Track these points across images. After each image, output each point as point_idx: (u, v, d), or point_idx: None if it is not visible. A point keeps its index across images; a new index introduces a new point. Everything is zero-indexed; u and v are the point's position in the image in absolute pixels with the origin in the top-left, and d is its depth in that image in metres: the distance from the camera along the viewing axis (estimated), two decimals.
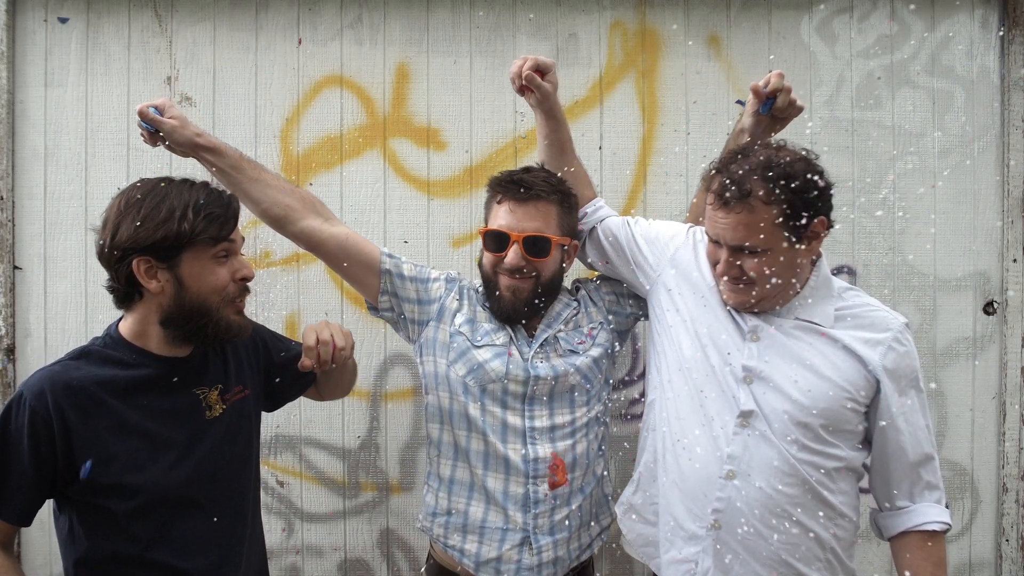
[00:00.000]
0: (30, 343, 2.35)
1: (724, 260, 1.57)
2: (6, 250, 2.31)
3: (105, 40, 2.34)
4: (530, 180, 1.76)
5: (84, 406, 1.44)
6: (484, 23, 2.39)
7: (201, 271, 1.47)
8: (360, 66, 2.38)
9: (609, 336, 1.90)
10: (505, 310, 1.80)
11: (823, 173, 1.53)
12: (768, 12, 2.42)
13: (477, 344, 1.82)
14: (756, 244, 1.51)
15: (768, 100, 1.71)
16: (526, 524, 1.78)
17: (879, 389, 1.56)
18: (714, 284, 1.68)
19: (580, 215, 1.91)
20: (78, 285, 2.34)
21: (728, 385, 1.60)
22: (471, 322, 1.85)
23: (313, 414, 2.40)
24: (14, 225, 2.33)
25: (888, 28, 2.41)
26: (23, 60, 2.33)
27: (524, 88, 1.80)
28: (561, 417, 1.81)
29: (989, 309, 2.46)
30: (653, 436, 1.75)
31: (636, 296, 1.93)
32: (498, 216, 1.78)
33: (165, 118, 1.65)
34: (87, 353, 1.51)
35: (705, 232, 1.64)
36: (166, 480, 1.48)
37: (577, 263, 1.99)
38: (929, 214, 2.43)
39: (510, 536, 1.78)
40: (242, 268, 1.54)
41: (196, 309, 1.48)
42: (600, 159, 2.40)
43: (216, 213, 1.48)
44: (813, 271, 1.62)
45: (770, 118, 1.75)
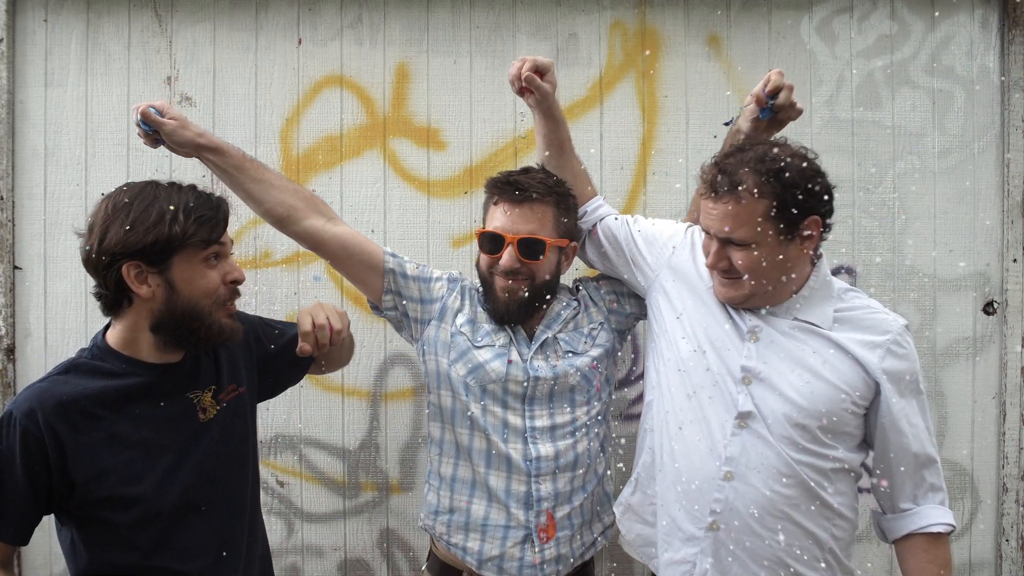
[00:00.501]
0: (30, 343, 2.35)
1: (713, 251, 1.57)
2: (6, 250, 2.31)
3: (105, 40, 2.34)
4: (525, 182, 1.76)
5: (76, 422, 1.41)
6: (484, 23, 2.39)
7: (192, 275, 1.45)
8: (360, 66, 2.38)
9: (610, 336, 1.90)
10: (500, 312, 1.80)
11: (820, 172, 1.52)
12: (768, 12, 2.41)
13: (478, 345, 1.82)
14: (743, 236, 1.51)
15: (767, 106, 1.70)
16: (528, 522, 1.78)
17: (878, 392, 1.55)
18: (712, 284, 1.68)
19: (580, 214, 1.91)
20: (78, 285, 2.34)
21: (726, 386, 1.60)
22: (472, 322, 1.85)
23: (313, 414, 2.40)
24: (14, 225, 2.33)
25: (888, 28, 2.41)
26: (23, 60, 2.33)
27: (524, 90, 1.80)
28: (561, 417, 1.81)
29: (989, 309, 2.46)
30: (651, 437, 1.75)
31: (637, 296, 1.92)
32: (494, 218, 1.78)
33: (165, 119, 1.65)
34: (75, 366, 1.48)
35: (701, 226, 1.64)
36: (164, 489, 1.47)
37: (579, 261, 1.99)
38: (929, 214, 2.43)
39: (512, 534, 1.79)
40: (233, 271, 1.52)
41: (188, 313, 1.45)
42: (600, 159, 2.40)
43: (207, 216, 1.45)
44: (813, 271, 1.61)
45: (767, 123, 1.74)
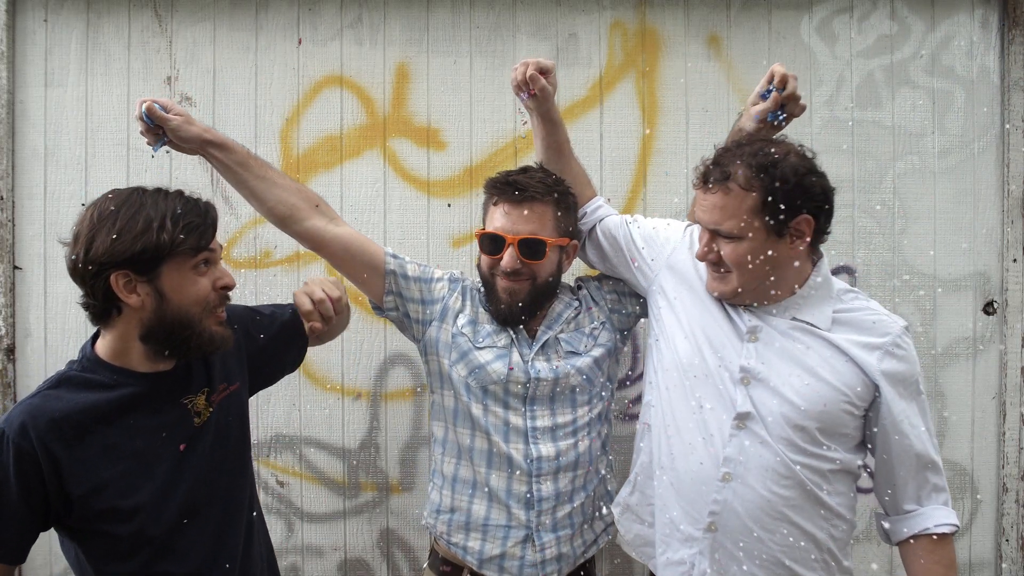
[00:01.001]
0: (30, 343, 2.35)
1: (702, 243, 1.58)
2: (6, 250, 2.31)
3: (105, 40, 2.34)
4: (525, 182, 1.75)
5: (69, 438, 1.39)
6: (484, 23, 2.39)
7: (182, 282, 1.42)
8: (360, 66, 2.38)
9: (611, 335, 1.90)
10: (503, 313, 1.80)
11: (815, 171, 1.52)
12: (768, 12, 2.42)
13: (479, 345, 1.82)
14: (730, 229, 1.51)
15: (779, 110, 1.69)
16: (529, 521, 1.78)
17: (878, 393, 1.55)
18: None
19: (580, 214, 1.91)
20: None
21: (725, 387, 1.59)
22: (473, 323, 1.85)
23: (313, 414, 2.40)
24: (14, 225, 2.33)
25: (888, 28, 2.41)
26: (23, 60, 2.33)
27: (529, 93, 1.79)
28: (563, 417, 1.81)
29: (989, 309, 2.46)
30: (649, 437, 1.75)
31: (638, 295, 1.92)
32: (494, 218, 1.78)
33: (171, 115, 1.65)
34: (67, 379, 1.45)
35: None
36: (163, 497, 1.46)
37: (579, 261, 1.99)
38: (929, 214, 2.43)
39: (513, 533, 1.79)
40: (223, 276, 1.50)
41: (178, 322, 1.43)
42: (600, 159, 2.40)
43: (195, 223, 1.42)
44: (814, 271, 1.61)
45: (770, 126, 1.73)
